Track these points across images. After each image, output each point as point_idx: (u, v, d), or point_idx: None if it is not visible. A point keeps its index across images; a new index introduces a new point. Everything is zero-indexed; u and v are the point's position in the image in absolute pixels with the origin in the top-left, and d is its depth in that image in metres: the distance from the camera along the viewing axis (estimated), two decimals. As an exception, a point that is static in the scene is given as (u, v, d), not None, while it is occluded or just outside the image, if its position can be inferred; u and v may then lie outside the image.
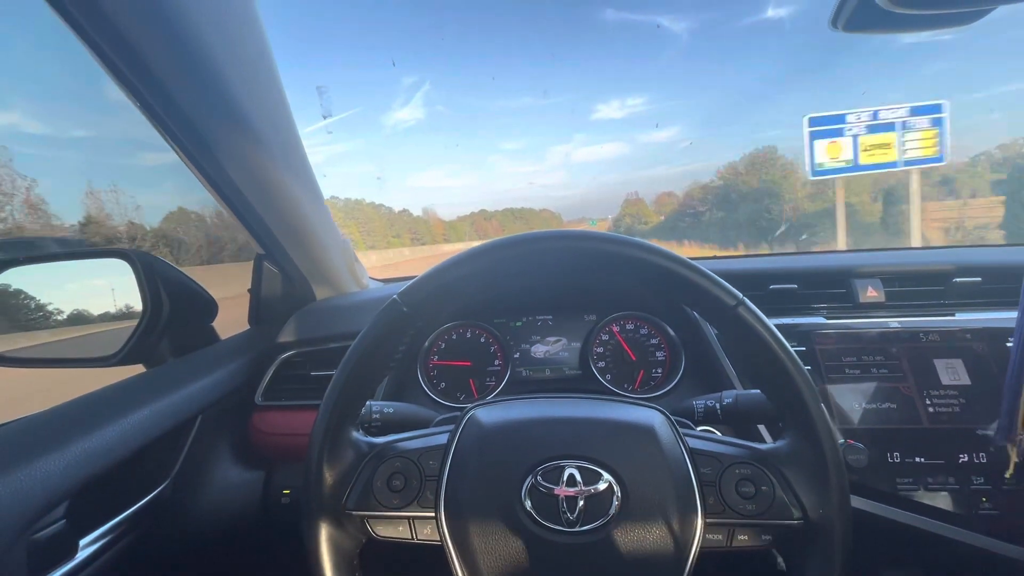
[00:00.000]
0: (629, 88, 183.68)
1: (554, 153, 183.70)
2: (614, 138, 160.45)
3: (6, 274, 0.83)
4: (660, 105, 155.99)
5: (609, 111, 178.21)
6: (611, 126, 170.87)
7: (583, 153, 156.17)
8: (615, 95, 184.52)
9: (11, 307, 0.94)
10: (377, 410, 0.71)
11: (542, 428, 0.52)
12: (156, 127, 0.73)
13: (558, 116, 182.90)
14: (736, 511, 0.48)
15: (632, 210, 22.25)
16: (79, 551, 0.57)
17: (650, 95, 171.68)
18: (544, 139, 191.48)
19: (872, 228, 11.22)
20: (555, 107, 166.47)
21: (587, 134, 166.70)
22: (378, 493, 0.52)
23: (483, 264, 0.52)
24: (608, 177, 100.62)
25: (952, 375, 0.78)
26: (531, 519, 0.47)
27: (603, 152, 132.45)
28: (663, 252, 0.50)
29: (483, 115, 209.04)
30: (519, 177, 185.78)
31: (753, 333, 0.49)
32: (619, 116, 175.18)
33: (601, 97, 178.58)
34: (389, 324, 0.52)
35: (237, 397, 0.89)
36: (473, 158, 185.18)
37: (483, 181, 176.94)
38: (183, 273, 0.93)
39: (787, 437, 0.52)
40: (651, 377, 1.00)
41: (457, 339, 1.06)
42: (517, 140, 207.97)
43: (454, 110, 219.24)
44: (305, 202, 0.93)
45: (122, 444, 0.61)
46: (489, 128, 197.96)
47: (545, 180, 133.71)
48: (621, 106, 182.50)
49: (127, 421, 0.63)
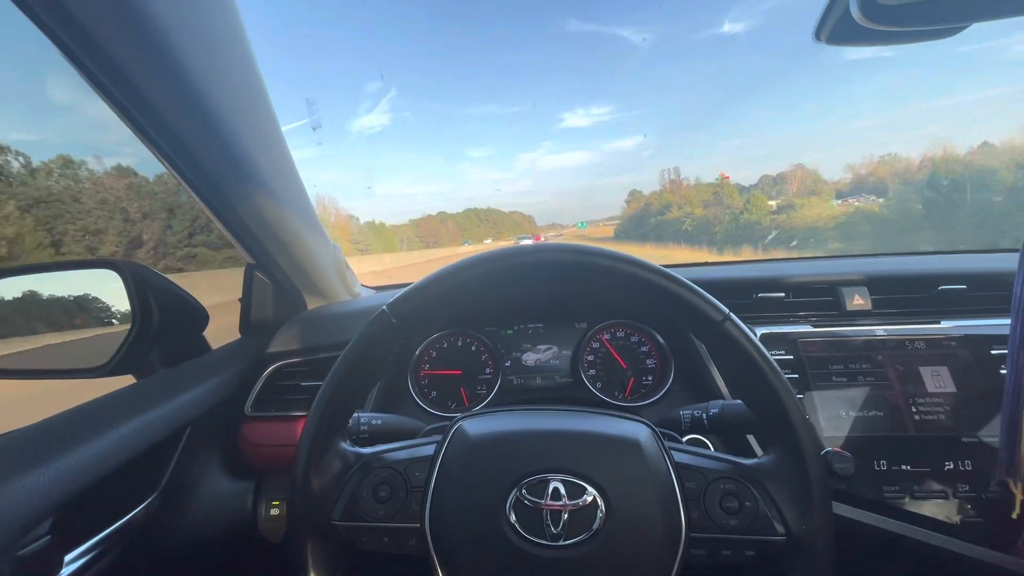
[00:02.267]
0: (594, 97, 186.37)
1: (521, 161, 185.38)
2: (580, 146, 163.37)
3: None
4: (625, 115, 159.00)
5: (575, 119, 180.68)
6: (578, 135, 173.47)
7: (550, 161, 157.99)
8: (581, 104, 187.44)
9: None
10: (365, 421, 0.71)
11: (528, 441, 0.52)
12: (143, 140, 0.73)
13: (525, 124, 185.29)
14: (720, 526, 0.48)
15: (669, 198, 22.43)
16: (64, 567, 0.57)
17: (615, 104, 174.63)
18: (511, 147, 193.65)
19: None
20: (521, 116, 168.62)
21: (554, 142, 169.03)
22: (364, 504, 0.52)
23: (473, 276, 0.52)
24: (574, 184, 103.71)
25: (938, 383, 0.79)
26: (515, 532, 0.47)
27: (569, 160, 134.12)
28: (650, 266, 0.51)
29: (450, 122, 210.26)
30: (486, 184, 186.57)
31: (739, 348, 0.49)
32: (585, 124, 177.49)
33: (567, 106, 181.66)
34: (377, 335, 0.52)
35: (227, 407, 0.89)
36: (440, 165, 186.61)
37: (450, 188, 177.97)
38: (173, 283, 0.93)
39: (771, 452, 0.52)
40: (642, 385, 1.00)
41: (448, 348, 1.06)
42: (484, 147, 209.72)
43: (420, 117, 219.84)
44: (294, 211, 0.93)
45: (109, 457, 0.61)
46: (456, 135, 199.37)
47: (512, 187, 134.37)
48: (587, 115, 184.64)
49: (114, 434, 0.63)
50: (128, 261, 0.88)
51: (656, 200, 21.62)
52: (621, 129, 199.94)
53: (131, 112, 0.67)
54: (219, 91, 0.71)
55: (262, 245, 0.93)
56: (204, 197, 0.83)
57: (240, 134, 0.77)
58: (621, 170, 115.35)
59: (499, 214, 27.64)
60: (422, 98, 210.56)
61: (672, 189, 21.75)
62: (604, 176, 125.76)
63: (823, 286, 0.92)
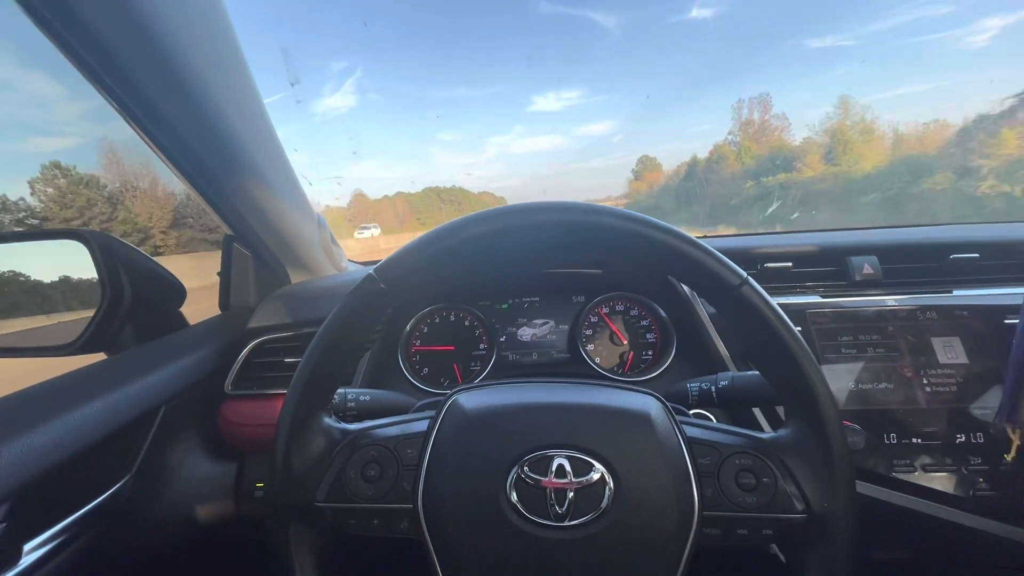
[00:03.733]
0: (565, 81, 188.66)
1: (492, 144, 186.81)
2: (551, 130, 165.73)
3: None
4: (595, 99, 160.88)
5: (546, 103, 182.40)
6: (548, 118, 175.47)
7: (521, 145, 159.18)
8: (551, 87, 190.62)
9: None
10: (352, 397, 0.67)
11: (530, 415, 0.48)
12: (107, 99, 0.67)
13: (496, 107, 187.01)
14: (735, 504, 0.45)
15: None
16: (23, 556, 0.52)
17: (586, 88, 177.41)
18: (482, 130, 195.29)
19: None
20: (492, 98, 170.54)
21: (525, 126, 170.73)
22: (351, 484, 0.48)
23: (469, 236, 0.47)
24: (546, 168, 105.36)
25: (950, 353, 0.76)
26: (517, 513, 0.43)
27: (541, 144, 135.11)
28: (663, 227, 0.46)
29: (420, 104, 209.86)
30: (457, 168, 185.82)
31: (757, 314, 0.45)
32: (556, 109, 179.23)
33: (538, 89, 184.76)
34: (365, 301, 0.48)
35: (205, 386, 0.84)
36: (409, 148, 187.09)
37: (420, 172, 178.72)
38: (145, 255, 0.87)
39: (790, 425, 0.48)
40: (641, 360, 0.97)
41: (440, 323, 1.02)
42: (455, 131, 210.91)
43: (389, 98, 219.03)
44: (275, 178, 0.87)
45: (72, 439, 0.56)
46: (426, 118, 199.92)
47: (484, 172, 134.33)
48: (557, 98, 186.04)
49: (78, 415, 0.58)
50: (95, 231, 0.82)
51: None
52: (592, 113, 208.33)
53: (95, 69, 0.61)
54: (188, 43, 0.65)
55: (240, 214, 0.88)
56: (176, 160, 0.77)
57: (215, 93, 0.71)
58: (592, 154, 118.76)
59: (465, 194, 25.50)
60: (390, 79, 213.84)
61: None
62: (575, 161, 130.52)
63: (831, 255, 0.89)
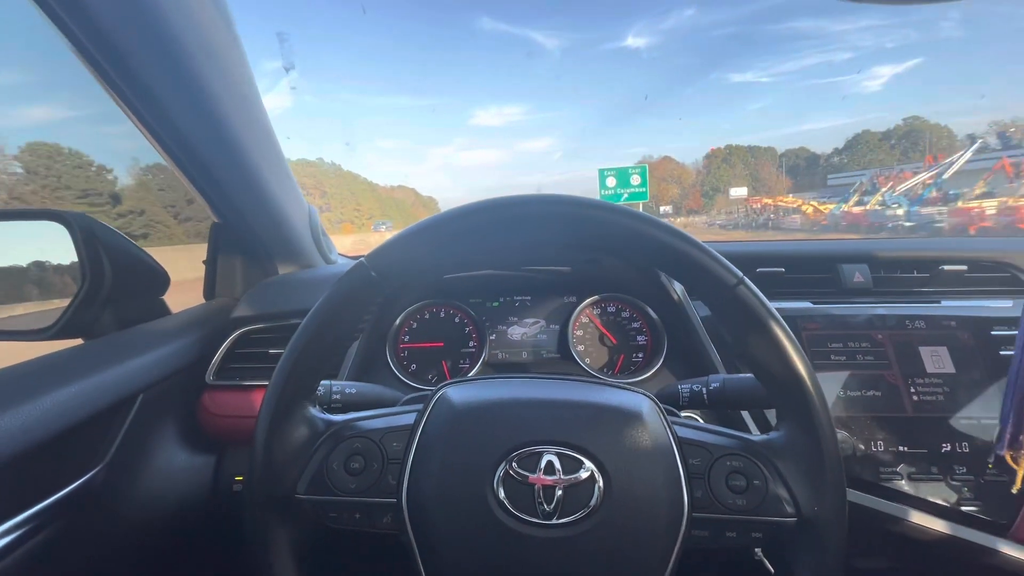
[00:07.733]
0: (506, 97, 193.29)
1: (434, 155, 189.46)
2: (493, 144, 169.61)
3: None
4: (536, 116, 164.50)
5: (488, 117, 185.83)
6: (490, 132, 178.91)
7: (464, 157, 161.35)
8: (493, 102, 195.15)
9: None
10: (338, 390, 0.65)
11: (519, 410, 0.47)
12: (99, 79, 0.65)
13: (437, 118, 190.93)
14: (725, 506, 0.44)
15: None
16: None
17: (527, 105, 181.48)
18: (423, 140, 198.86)
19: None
20: (433, 109, 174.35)
21: (467, 138, 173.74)
22: (333, 476, 0.46)
23: (461, 228, 0.46)
24: (489, 181, 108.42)
25: (937, 363, 0.77)
26: (503, 510, 0.42)
27: (484, 158, 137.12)
28: (661, 224, 0.46)
29: (359, 111, 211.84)
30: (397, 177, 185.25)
31: (753, 314, 0.45)
32: (498, 124, 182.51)
33: (480, 102, 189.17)
34: (354, 290, 0.47)
35: (186, 375, 0.82)
36: (346, 154, 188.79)
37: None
38: (129, 240, 0.85)
39: (782, 428, 0.48)
40: (632, 361, 0.96)
41: (430, 319, 1.01)
42: (395, 139, 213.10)
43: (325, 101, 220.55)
44: (265, 165, 0.85)
45: (40, 426, 0.54)
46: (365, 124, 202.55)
47: (424, 182, 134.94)
48: (499, 113, 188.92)
49: (48, 399, 0.56)
50: (77, 212, 0.80)
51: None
52: (532, 130, 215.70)
53: (88, 48, 0.60)
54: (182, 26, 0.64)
55: (229, 201, 0.86)
56: (165, 144, 0.75)
57: (207, 78, 0.70)
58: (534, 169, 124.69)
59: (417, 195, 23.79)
60: (327, 83, 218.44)
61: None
62: (516, 175, 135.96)
63: (823, 262, 0.90)
